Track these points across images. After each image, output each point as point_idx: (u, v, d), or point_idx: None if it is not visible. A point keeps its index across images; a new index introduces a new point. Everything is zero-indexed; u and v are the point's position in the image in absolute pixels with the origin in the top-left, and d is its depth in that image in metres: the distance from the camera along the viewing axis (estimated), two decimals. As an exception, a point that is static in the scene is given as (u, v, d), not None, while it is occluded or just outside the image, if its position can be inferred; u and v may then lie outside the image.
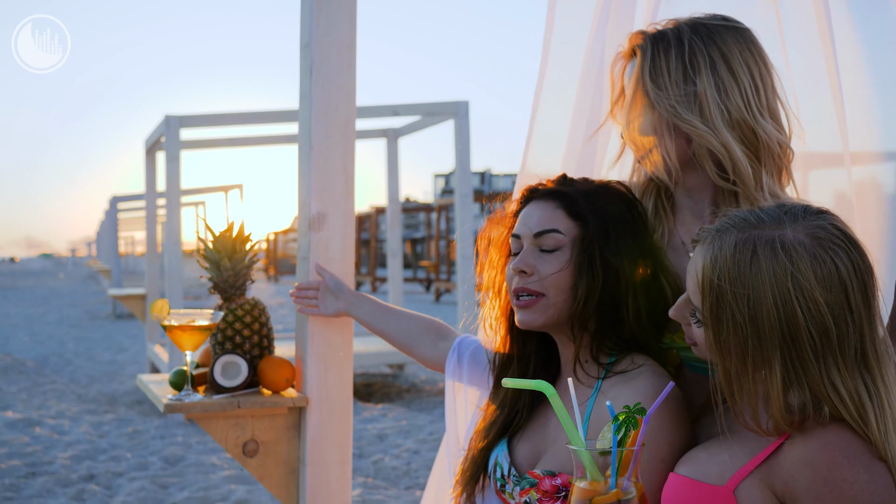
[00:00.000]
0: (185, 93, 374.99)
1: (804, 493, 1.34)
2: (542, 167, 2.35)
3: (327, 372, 2.52)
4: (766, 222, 1.41)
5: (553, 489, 1.72)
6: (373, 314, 2.37)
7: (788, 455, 1.37)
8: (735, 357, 1.40)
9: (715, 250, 1.41)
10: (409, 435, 6.89)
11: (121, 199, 17.65)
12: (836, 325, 1.35)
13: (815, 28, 2.15)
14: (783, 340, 1.35)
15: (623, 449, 1.34)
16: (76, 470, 5.83)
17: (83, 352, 12.42)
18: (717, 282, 1.39)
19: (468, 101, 7.87)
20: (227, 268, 2.53)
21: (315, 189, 2.50)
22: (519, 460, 1.87)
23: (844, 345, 1.35)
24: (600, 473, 1.35)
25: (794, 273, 1.34)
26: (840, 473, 1.32)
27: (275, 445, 2.55)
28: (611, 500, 1.33)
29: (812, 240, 1.37)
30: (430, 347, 2.29)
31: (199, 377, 2.55)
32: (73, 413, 7.72)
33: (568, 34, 2.36)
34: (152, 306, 2.48)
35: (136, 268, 30.90)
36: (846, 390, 1.35)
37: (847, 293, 1.35)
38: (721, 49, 1.78)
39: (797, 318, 1.34)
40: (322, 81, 2.49)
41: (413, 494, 5.37)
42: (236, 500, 5.16)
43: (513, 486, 1.81)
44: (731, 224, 1.44)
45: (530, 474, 1.78)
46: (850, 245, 1.39)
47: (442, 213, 26.26)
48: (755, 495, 1.39)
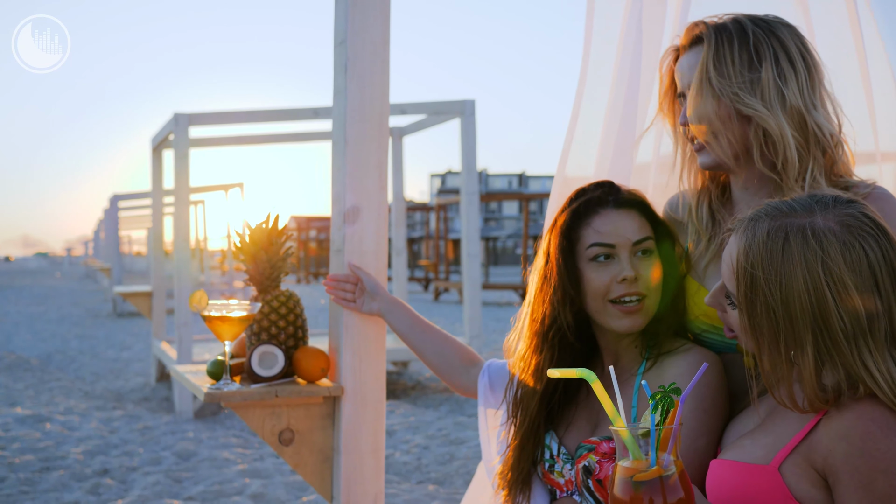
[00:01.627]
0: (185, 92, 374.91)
1: (841, 466, 1.39)
2: (580, 170, 2.43)
3: (362, 363, 2.58)
4: (797, 211, 1.47)
5: (611, 451, 1.80)
6: (408, 327, 2.44)
7: (825, 430, 1.43)
8: (768, 340, 1.46)
9: (748, 238, 1.47)
10: (418, 431, 6.94)
11: (122, 198, 17.67)
12: (867, 310, 1.40)
13: (847, 27, 2.21)
14: (815, 324, 1.41)
15: (661, 427, 1.38)
16: (90, 465, 5.88)
17: (87, 349, 12.45)
18: (750, 269, 1.45)
19: (474, 99, 7.92)
20: (263, 260, 2.58)
21: (350, 183, 2.55)
22: (570, 447, 1.94)
23: (875, 327, 1.41)
24: (642, 453, 1.40)
25: (825, 258, 1.40)
26: (874, 444, 1.36)
27: (310, 434, 2.61)
28: (651, 477, 1.37)
29: (842, 227, 1.43)
30: (464, 376, 2.38)
31: (236, 367, 2.60)
32: (81, 409, 7.76)
33: (604, 38, 2.42)
34: (191, 298, 2.52)
35: (132, 266, 30.89)
36: (878, 371, 1.40)
37: (876, 278, 1.40)
38: (781, 41, 1.84)
39: (827, 302, 1.39)
40: (357, 78, 2.55)
41: (425, 489, 5.42)
42: (252, 493, 5.20)
43: (563, 464, 1.88)
44: (764, 213, 1.50)
45: (586, 442, 1.85)
46: (880, 232, 1.44)
47: (441, 212, 26.28)
48: (798, 472, 1.44)
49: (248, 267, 2.61)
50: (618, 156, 2.42)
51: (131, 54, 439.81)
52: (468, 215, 8.00)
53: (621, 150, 2.41)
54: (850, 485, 1.37)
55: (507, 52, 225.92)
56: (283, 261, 2.62)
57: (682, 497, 1.37)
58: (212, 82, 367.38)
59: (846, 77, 2.22)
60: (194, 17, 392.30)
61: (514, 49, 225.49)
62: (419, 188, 60.64)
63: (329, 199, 2.68)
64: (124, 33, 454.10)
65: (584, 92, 2.45)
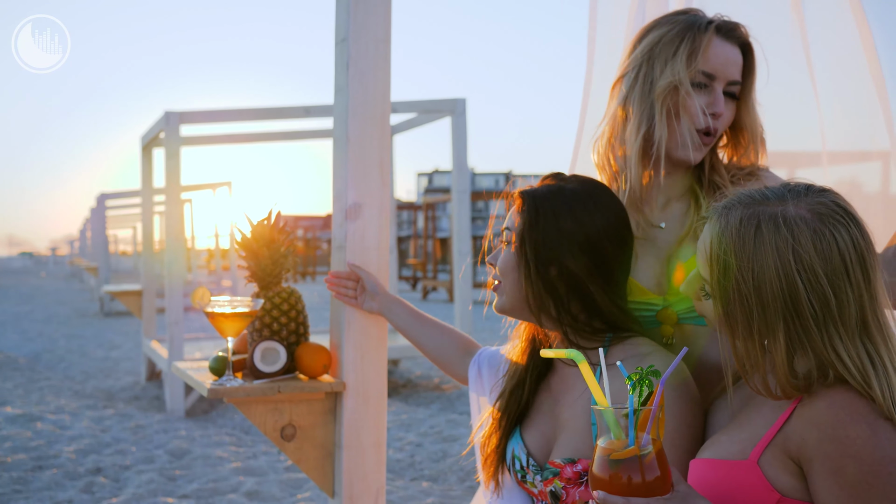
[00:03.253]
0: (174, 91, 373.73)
1: (813, 453, 1.40)
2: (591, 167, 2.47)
3: (363, 358, 2.59)
4: (770, 199, 1.49)
5: (575, 476, 1.81)
6: (408, 322, 2.46)
7: (798, 419, 1.44)
8: (742, 327, 1.48)
9: (721, 226, 1.50)
10: (411, 428, 6.95)
11: (109, 197, 17.60)
12: (836, 296, 1.42)
13: (798, 32, 2.27)
14: (786, 310, 1.43)
15: (640, 408, 1.40)
16: (83, 463, 5.87)
17: (75, 349, 12.41)
18: (723, 255, 1.48)
19: (465, 98, 7.94)
20: (264, 256, 2.60)
21: (351, 180, 2.56)
22: (533, 450, 1.95)
23: (845, 314, 1.42)
24: (622, 432, 1.42)
25: (795, 246, 1.42)
26: (844, 430, 1.38)
27: (312, 430, 2.62)
28: (628, 455, 1.39)
29: (813, 215, 1.45)
30: (458, 365, 2.39)
31: (237, 363, 2.61)
32: (72, 408, 7.74)
33: (609, 34, 2.45)
34: (193, 294, 2.53)
35: (118, 266, 30.77)
36: (849, 357, 1.42)
37: (846, 266, 1.42)
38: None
39: (798, 289, 1.42)
40: (359, 75, 2.56)
41: (419, 485, 5.44)
42: (246, 491, 5.21)
43: (534, 476, 1.90)
44: (738, 201, 1.52)
45: (551, 464, 1.86)
46: (850, 221, 1.46)
47: (428, 211, 26.29)
48: (776, 464, 1.46)
49: (249, 263, 2.62)
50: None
51: (121, 52, 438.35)
52: (459, 214, 8.02)
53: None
54: (822, 471, 1.39)
55: (493, 51, 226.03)
56: (285, 257, 2.63)
57: (658, 476, 1.39)
58: (201, 81, 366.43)
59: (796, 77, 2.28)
60: (185, 15, 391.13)
61: (500, 48, 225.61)
62: (406, 187, 60.68)
63: (330, 196, 2.69)
64: (113, 31, 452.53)
65: (590, 91, 2.47)
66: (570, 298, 1.89)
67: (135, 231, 26.82)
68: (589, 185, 1.93)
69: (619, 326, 1.91)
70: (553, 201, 1.89)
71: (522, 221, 1.91)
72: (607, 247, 1.87)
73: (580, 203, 1.88)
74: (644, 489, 1.38)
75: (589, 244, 1.86)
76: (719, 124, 1.97)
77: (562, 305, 1.89)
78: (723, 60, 1.94)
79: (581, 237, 1.86)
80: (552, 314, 1.91)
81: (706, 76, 1.94)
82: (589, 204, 1.89)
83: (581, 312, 1.90)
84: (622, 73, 2.02)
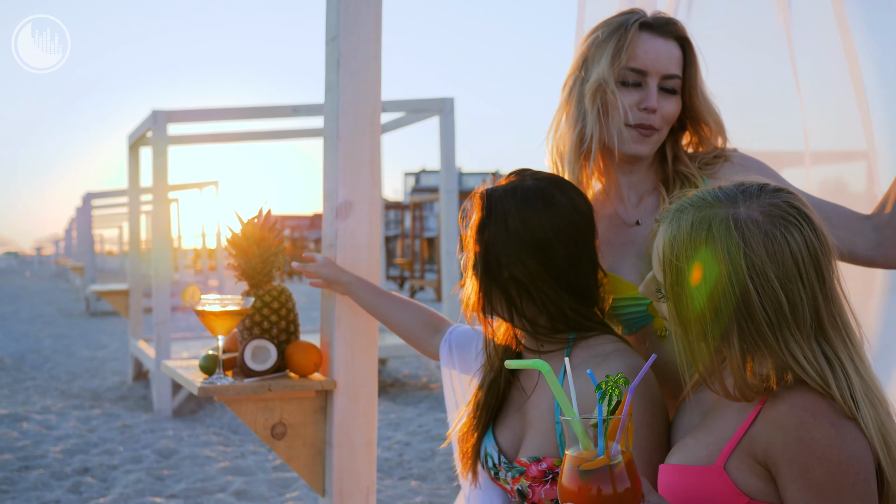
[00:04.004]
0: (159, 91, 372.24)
1: (780, 456, 1.40)
2: None
3: (354, 356, 2.59)
4: (722, 201, 1.47)
5: (540, 474, 1.82)
6: (376, 297, 2.47)
7: (763, 422, 1.44)
8: (696, 331, 1.46)
9: (673, 230, 1.48)
10: (399, 427, 6.95)
11: (95, 196, 17.53)
12: (789, 300, 1.41)
13: (784, 31, 2.28)
14: (739, 315, 1.42)
15: (609, 417, 1.39)
16: (70, 463, 5.84)
17: (61, 349, 12.35)
18: (675, 260, 1.46)
19: (454, 97, 7.94)
20: (255, 255, 2.59)
21: (342, 178, 2.56)
22: (505, 447, 1.95)
23: (799, 317, 1.41)
24: (592, 443, 1.40)
25: (747, 251, 1.40)
26: (807, 432, 1.37)
27: (302, 428, 2.62)
28: (598, 465, 1.37)
29: (765, 217, 1.43)
30: (428, 341, 2.37)
31: (228, 362, 2.61)
32: (59, 408, 7.70)
33: None
34: (183, 292, 2.53)
35: (104, 266, 30.64)
36: (805, 359, 1.41)
37: (799, 268, 1.41)
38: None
39: (751, 295, 1.40)
40: (350, 74, 2.56)
41: (408, 484, 5.44)
42: (235, 490, 5.20)
43: (505, 473, 1.90)
44: (690, 203, 1.50)
45: (518, 463, 1.86)
46: (804, 221, 1.44)
47: (416, 211, 26.28)
48: (744, 468, 1.45)
49: (239, 262, 2.61)
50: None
51: (107, 51, 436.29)
52: (447, 213, 8.02)
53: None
54: (789, 474, 1.39)
55: (480, 51, 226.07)
56: (276, 256, 2.63)
57: (629, 486, 1.37)
58: (188, 80, 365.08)
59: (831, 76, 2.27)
60: (172, 15, 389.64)
61: (487, 47, 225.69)
62: (392, 187, 60.65)
63: (317, 195, 2.70)
64: (100, 31, 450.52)
65: None
66: (523, 301, 1.87)
67: (121, 231, 26.73)
68: (545, 184, 1.90)
69: (581, 326, 1.89)
70: (505, 202, 1.87)
71: (476, 222, 1.90)
72: (557, 248, 1.84)
73: (530, 204, 1.86)
74: (615, 500, 1.36)
75: (537, 246, 1.84)
76: (656, 118, 1.98)
77: (514, 308, 1.88)
78: (653, 56, 1.97)
79: (528, 239, 1.84)
80: (504, 317, 1.91)
81: (636, 72, 1.97)
82: (538, 204, 1.86)
83: (539, 315, 1.89)
84: (567, 76, 2.07)
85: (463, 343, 2.27)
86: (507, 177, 1.95)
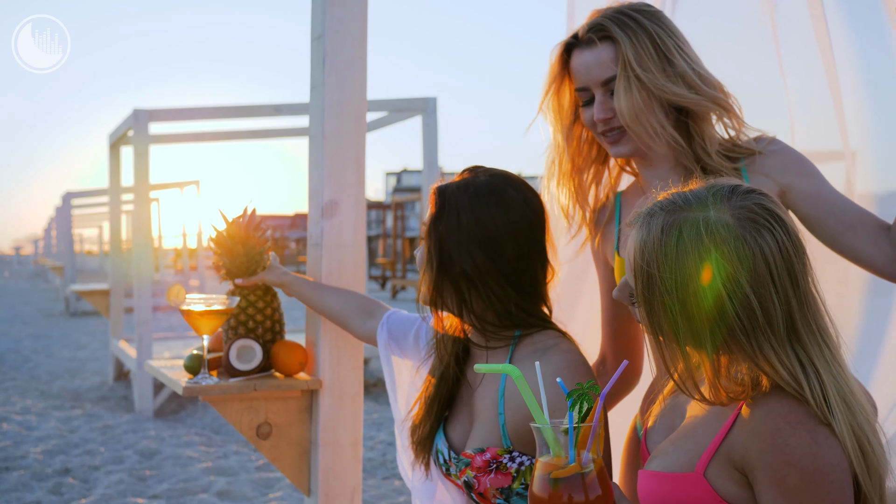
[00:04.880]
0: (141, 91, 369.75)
1: (756, 462, 1.39)
2: None
3: (339, 356, 2.59)
4: (692, 204, 1.44)
5: (484, 464, 1.84)
6: (312, 290, 2.51)
7: (740, 429, 1.43)
8: (669, 336, 1.45)
9: (644, 235, 1.45)
10: (382, 427, 6.95)
11: (75, 196, 17.42)
12: (762, 305, 1.38)
13: (769, 25, 2.29)
14: (712, 321, 1.40)
15: (580, 425, 1.38)
16: (50, 464, 5.80)
17: (41, 349, 12.26)
18: (646, 267, 1.43)
19: (436, 97, 7.94)
20: (240, 254, 2.58)
21: (328, 177, 2.56)
22: (455, 442, 1.97)
23: (773, 322, 1.39)
24: (562, 449, 1.40)
25: (718, 257, 1.38)
26: (783, 439, 1.36)
27: (288, 428, 2.61)
28: (569, 473, 1.37)
29: (736, 220, 1.40)
30: (359, 326, 2.41)
31: (213, 361, 2.60)
32: (39, 409, 7.65)
33: None
34: (168, 292, 2.51)
35: (83, 265, 30.46)
36: (781, 363, 1.39)
37: (771, 272, 1.39)
38: (670, 27, 1.98)
39: (723, 300, 1.38)
40: (335, 72, 2.55)
41: (392, 484, 5.43)
42: (217, 490, 5.18)
43: (455, 468, 1.92)
44: (660, 207, 1.48)
45: (464, 455, 1.88)
46: (776, 223, 1.41)
47: (397, 211, 26.28)
48: (723, 475, 1.44)
49: (224, 261, 2.60)
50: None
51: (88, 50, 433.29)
52: (430, 212, 8.01)
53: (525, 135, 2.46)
54: (765, 481, 1.38)
55: (462, 51, 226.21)
56: (261, 255, 2.61)
57: (600, 494, 1.37)
58: (169, 80, 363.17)
59: (813, 75, 2.28)
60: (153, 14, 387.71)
61: (469, 47, 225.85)
62: (374, 186, 60.53)
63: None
64: (80, 28, 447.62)
65: None
66: (472, 296, 1.89)
67: (101, 230, 26.56)
68: (498, 180, 1.91)
69: (525, 323, 1.92)
70: (457, 197, 1.89)
71: (430, 217, 1.92)
72: (508, 244, 1.87)
73: (482, 199, 1.88)
74: None
75: (488, 241, 1.86)
76: (615, 121, 1.99)
77: (463, 303, 1.90)
78: (583, 70, 1.99)
79: (480, 234, 1.86)
80: (453, 311, 1.92)
81: (582, 91, 2.01)
82: (491, 200, 1.88)
83: (486, 311, 1.91)
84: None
85: (400, 328, 2.30)
86: (461, 173, 1.97)
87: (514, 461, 1.82)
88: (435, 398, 2.03)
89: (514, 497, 1.83)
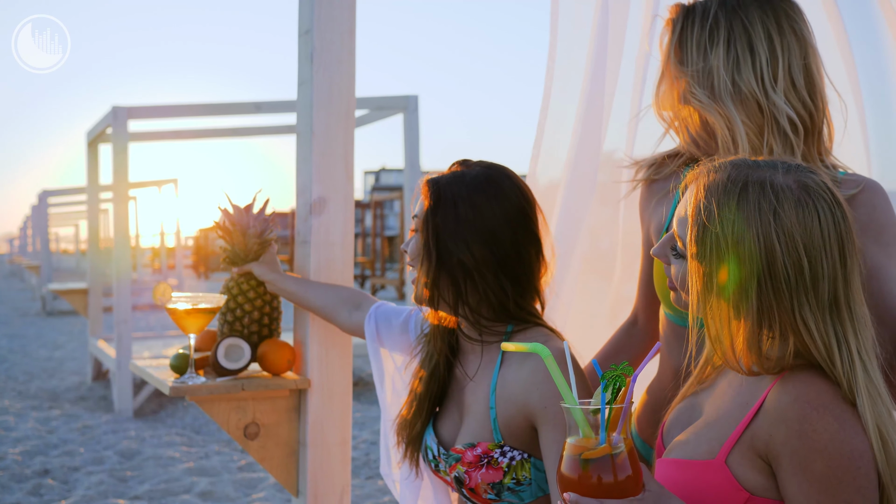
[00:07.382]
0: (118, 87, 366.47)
1: (781, 449, 1.40)
2: (547, 177, 2.48)
3: (328, 355, 2.56)
4: (760, 166, 1.49)
5: (475, 459, 1.83)
6: (297, 285, 2.49)
7: (765, 415, 1.43)
8: (715, 286, 1.45)
9: (708, 181, 1.49)
10: (365, 427, 6.91)
11: (51, 194, 17.26)
12: (811, 266, 1.41)
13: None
14: (760, 270, 1.42)
15: (612, 406, 1.38)
16: (29, 465, 5.73)
17: (18, 349, 12.12)
18: (704, 211, 1.46)
19: (417, 95, 7.91)
20: (238, 242, 2.54)
21: (316, 174, 2.53)
22: (445, 438, 1.97)
23: (818, 286, 1.42)
24: (592, 431, 1.39)
25: (778, 209, 1.42)
26: (810, 425, 1.37)
27: (276, 428, 2.58)
28: (600, 455, 1.37)
29: (800, 187, 1.44)
30: (346, 318, 2.39)
31: (199, 361, 2.56)
32: (16, 409, 7.56)
33: (571, 45, 2.45)
34: (154, 290, 2.48)
35: (59, 264, 30.19)
36: (816, 330, 1.41)
37: (824, 241, 1.42)
38: (743, 21, 1.81)
39: (775, 251, 1.41)
40: (324, 68, 2.52)
41: (375, 484, 5.41)
42: (200, 491, 5.13)
43: (445, 465, 1.91)
44: (729, 163, 1.51)
45: (454, 451, 1.88)
46: (835, 204, 1.46)
47: (376, 209, 26.20)
48: (745, 463, 1.45)
49: (226, 247, 2.56)
50: (583, 148, 2.45)
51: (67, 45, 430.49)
52: (410, 211, 7.99)
53: (588, 142, 2.44)
54: (790, 468, 1.38)
55: (441, 49, 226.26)
56: (260, 245, 2.55)
57: (630, 475, 1.37)
58: (148, 78, 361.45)
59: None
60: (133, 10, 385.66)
61: (448, 46, 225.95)
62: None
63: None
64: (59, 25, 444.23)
65: (551, 89, 2.47)
66: (468, 288, 1.89)
67: (77, 229, 26.36)
68: (492, 172, 1.92)
69: (518, 318, 1.92)
70: (453, 188, 1.89)
71: (425, 209, 1.91)
72: (505, 233, 1.87)
73: (479, 190, 1.88)
74: (616, 489, 1.35)
75: (486, 232, 1.86)
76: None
77: (459, 295, 1.89)
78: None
79: (478, 225, 1.86)
80: (449, 303, 1.91)
81: None
82: (489, 190, 1.88)
83: (481, 304, 1.90)
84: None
85: (388, 320, 2.28)
86: (451, 167, 1.97)
87: (505, 456, 1.82)
88: (426, 396, 2.02)
89: (506, 492, 1.82)
